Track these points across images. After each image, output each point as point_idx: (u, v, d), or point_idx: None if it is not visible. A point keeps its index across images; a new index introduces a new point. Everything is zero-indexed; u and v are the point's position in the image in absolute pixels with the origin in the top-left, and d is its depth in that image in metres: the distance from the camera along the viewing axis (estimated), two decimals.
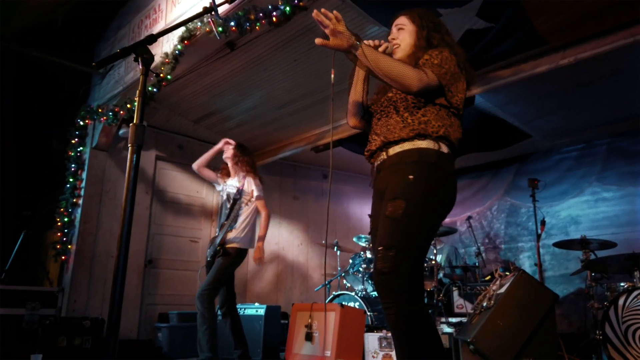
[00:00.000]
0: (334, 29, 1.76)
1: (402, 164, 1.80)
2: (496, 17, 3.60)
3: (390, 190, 1.77)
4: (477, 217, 6.39)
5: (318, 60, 4.40)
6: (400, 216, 1.66)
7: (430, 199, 1.72)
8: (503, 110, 5.08)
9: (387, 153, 1.89)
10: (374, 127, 2.00)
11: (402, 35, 2.06)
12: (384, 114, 1.97)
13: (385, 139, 1.89)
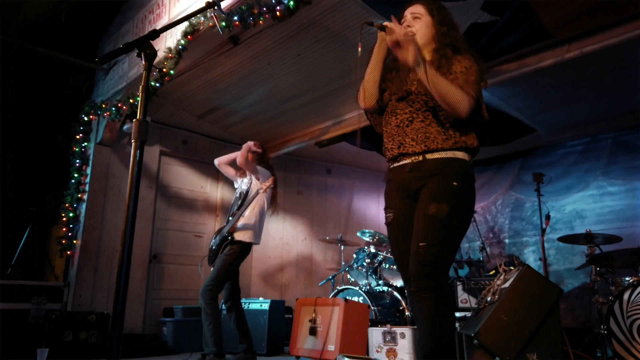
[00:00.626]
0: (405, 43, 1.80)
1: (445, 172, 1.89)
2: (501, 11, 3.57)
3: (433, 193, 1.88)
4: (482, 211, 6.38)
5: (321, 54, 4.38)
6: (444, 217, 1.81)
7: (468, 205, 1.94)
8: (507, 104, 5.05)
9: (424, 157, 1.94)
10: (404, 128, 1.99)
11: (418, 25, 2.05)
12: (419, 117, 1.97)
13: (427, 147, 1.92)
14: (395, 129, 2.03)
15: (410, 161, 1.97)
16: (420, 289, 1.79)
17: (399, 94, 2.05)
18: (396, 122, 2.03)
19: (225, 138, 6.35)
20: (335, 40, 4.16)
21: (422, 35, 2.04)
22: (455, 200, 1.85)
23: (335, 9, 3.74)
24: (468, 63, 1.93)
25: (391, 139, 2.05)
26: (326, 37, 4.12)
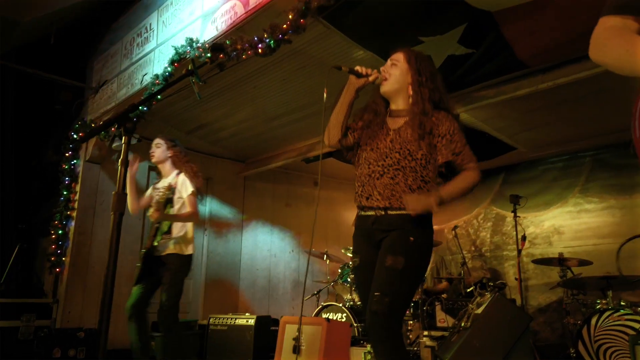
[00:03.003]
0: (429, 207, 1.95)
1: (404, 228, 1.99)
2: (477, 44, 3.71)
3: (391, 246, 1.97)
4: (464, 225, 6.53)
5: (307, 79, 4.49)
6: (399, 270, 1.90)
7: (424, 259, 2.05)
8: (488, 125, 5.20)
9: (386, 212, 2.02)
10: (375, 180, 2.06)
11: (393, 71, 2.13)
12: (389, 173, 2.04)
13: (390, 204, 2.01)
14: (367, 178, 2.09)
15: (374, 214, 2.05)
16: (374, 340, 1.89)
17: (373, 147, 2.11)
18: (368, 172, 2.09)
19: (215, 152, 6.45)
20: (319, 66, 4.27)
21: (395, 81, 2.11)
22: (411, 255, 1.94)
23: (318, 39, 3.85)
24: (450, 126, 2.02)
25: (362, 186, 2.12)
26: (310, 63, 4.23)
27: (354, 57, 4.09)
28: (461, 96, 4.39)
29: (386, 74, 2.12)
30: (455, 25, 3.53)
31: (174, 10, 4.31)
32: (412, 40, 3.69)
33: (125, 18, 5.11)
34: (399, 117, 2.15)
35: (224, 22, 3.67)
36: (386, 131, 2.13)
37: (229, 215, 6.53)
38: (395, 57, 2.17)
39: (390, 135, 2.10)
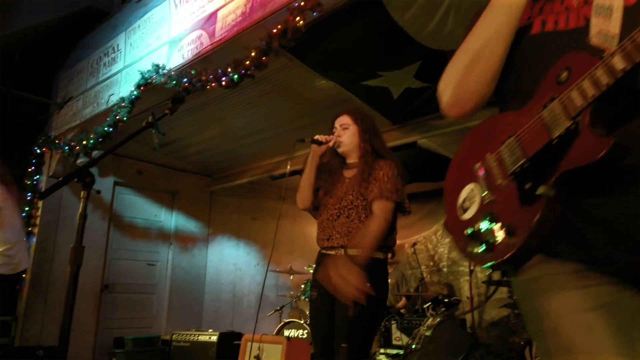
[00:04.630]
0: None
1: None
2: (432, 79, 3.93)
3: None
4: (424, 240, 6.78)
5: (271, 103, 4.64)
6: (361, 319, 2.09)
7: (383, 301, 2.28)
8: (445, 149, 5.44)
9: (345, 252, 2.22)
10: (333, 222, 2.31)
11: (346, 134, 2.40)
12: (344, 213, 2.29)
13: (347, 242, 2.22)
14: (327, 222, 2.35)
15: (334, 253, 2.26)
16: None
17: (331, 194, 2.38)
18: (327, 216, 2.35)
19: (182, 167, 6.51)
20: (283, 92, 4.42)
21: (349, 142, 2.39)
22: (369, 301, 2.05)
23: (282, 69, 3.99)
24: (389, 171, 2.26)
25: (322, 230, 2.37)
26: (275, 90, 4.38)
27: (317, 86, 4.27)
28: (419, 124, 4.62)
29: (341, 138, 2.39)
30: (412, 61, 3.75)
31: (141, 33, 4.38)
32: (372, 74, 3.90)
33: (93, 36, 5.13)
34: (353, 168, 2.44)
35: (190, 51, 3.78)
36: (342, 180, 2.41)
37: (195, 229, 6.60)
38: (345, 121, 2.44)
39: (346, 182, 2.37)
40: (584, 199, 0.86)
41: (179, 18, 4.02)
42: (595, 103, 0.82)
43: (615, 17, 0.90)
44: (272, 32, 2.95)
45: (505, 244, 0.94)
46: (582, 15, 0.95)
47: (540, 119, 0.91)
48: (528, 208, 0.90)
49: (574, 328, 0.85)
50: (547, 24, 1.00)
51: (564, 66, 0.90)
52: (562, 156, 0.86)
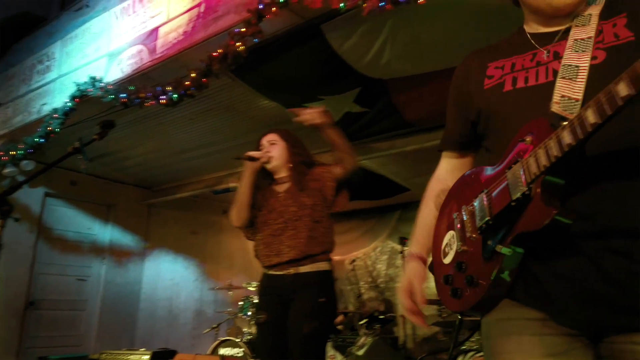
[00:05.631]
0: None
1: (314, 288, 2.23)
2: (370, 104, 4.08)
3: (304, 311, 2.20)
4: (363, 256, 6.94)
5: (213, 120, 4.62)
6: (315, 334, 2.14)
7: (333, 314, 2.32)
8: (384, 169, 5.63)
9: (296, 268, 2.26)
10: (279, 236, 2.32)
11: (274, 149, 2.45)
12: (290, 226, 2.31)
13: (300, 253, 2.24)
14: (271, 238, 2.35)
15: (283, 272, 2.28)
16: None
17: (270, 209, 2.40)
18: (270, 232, 2.35)
19: (119, 179, 6.32)
20: (226, 110, 4.42)
21: (279, 156, 2.44)
22: (323, 316, 2.21)
23: (224, 88, 4.00)
24: (323, 171, 2.41)
25: (267, 246, 2.35)
26: (217, 107, 4.37)
27: (260, 105, 4.31)
28: (359, 146, 4.74)
29: (271, 154, 2.43)
30: (351, 88, 3.87)
31: (79, 43, 4.26)
32: (312, 97, 3.98)
33: (27, 42, 4.92)
34: (284, 182, 2.48)
35: (130, 66, 3.72)
36: (275, 195, 2.44)
37: (131, 243, 6.40)
38: (272, 138, 2.51)
39: (282, 196, 2.41)
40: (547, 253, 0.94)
41: (119, 31, 3.95)
42: (547, 171, 0.89)
43: (580, 78, 0.97)
44: (213, 55, 2.97)
45: (470, 293, 1.01)
46: (551, 69, 1.03)
47: (505, 180, 0.98)
48: (489, 263, 0.97)
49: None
50: (518, 81, 1.08)
51: (529, 131, 0.97)
52: (518, 218, 0.93)
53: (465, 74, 1.23)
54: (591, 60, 0.97)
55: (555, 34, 1.08)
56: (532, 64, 1.08)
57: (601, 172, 0.93)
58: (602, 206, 0.91)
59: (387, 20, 2.93)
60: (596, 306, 0.91)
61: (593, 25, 1.01)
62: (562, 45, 1.04)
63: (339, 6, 2.47)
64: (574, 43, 1.01)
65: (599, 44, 0.99)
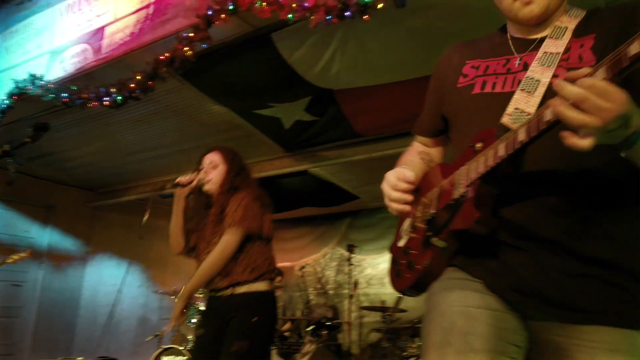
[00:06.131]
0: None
1: (247, 307, 2.22)
2: (321, 113, 4.13)
3: (236, 331, 2.20)
4: (312, 262, 6.98)
5: (161, 123, 4.53)
6: (245, 353, 2.12)
7: (267, 335, 2.32)
8: (335, 177, 5.70)
9: (232, 292, 2.25)
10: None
11: (213, 173, 2.40)
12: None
13: (230, 281, 2.24)
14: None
15: (221, 294, 2.28)
16: None
17: (201, 236, 2.37)
18: (202, 260, 2.31)
19: (61, 180, 6.07)
20: (175, 113, 4.35)
21: (215, 181, 2.38)
22: (254, 335, 2.20)
23: (173, 91, 3.93)
24: (241, 200, 2.28)
25: None
26: (165, 110, 4.29)
27: (210, 110, 4.26)
28: (309, 154, 4.81)
29: (208, 176, 2.38)
30: (302, 96, 3.91)
31: (20, 38, 4.08)
32: (263, 104, 4.00)
33: None
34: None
35: (73, 65, 3.60)
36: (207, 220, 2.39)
37: (72, 247, 6.15)
38: (214, 159, 2.43)
39: (210, 223, 2.35)
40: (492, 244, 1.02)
41: (63, 28, 3.81)
42: (482, 178, 0.96)
43: (538, 93, 1.03)
44: (160, 58, 2.92)
45: (408, 276, 1.13)
46: (517, 80, 1.08)
47: (453, 179, 1.06)
48: (426, 252, 1.08)
49: (460, 315, 1.00)
50: (486, 86, 1.13)
51: (480, 138, 1.04)
52: (454, 216, 1.02)
53: (446, 66, 1.27)
54: (552, 78, 1.02)
55: (532, 41, 1.12)
56: (504, 70, 1.13)
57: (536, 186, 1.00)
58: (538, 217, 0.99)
59: (336, 33, 2.98)
60: (526, 294, 0.99)
61: (565, 40, 1.07)
62: (533, 56, 1.09)
63: (287, 17, 2.49)
64: (542, 55, 1.07)
65: (564, 62, 1.04)
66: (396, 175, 1.16)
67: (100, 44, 3.44)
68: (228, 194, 2.32)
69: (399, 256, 1.20)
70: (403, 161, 1.31)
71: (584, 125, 0.77)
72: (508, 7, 1.11)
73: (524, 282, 0.99)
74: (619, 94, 0.76)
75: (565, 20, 1.10)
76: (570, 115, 0.78)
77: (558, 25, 1.09)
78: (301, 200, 6.36)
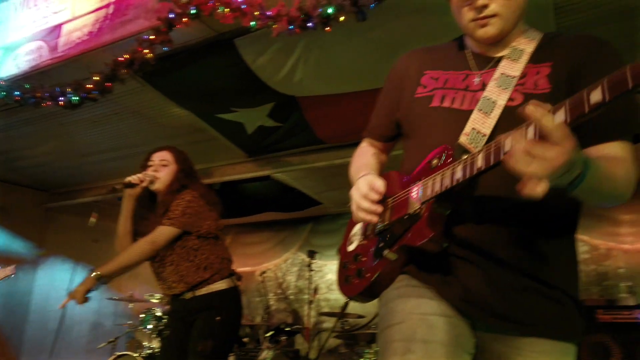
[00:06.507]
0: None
1: (212, 308, 2.22)
2: (284, 119, 4.13)
3: (200, 331, 2.20)
4: (274, 268, 6.95)
5: (119, 124, 4.42)
6: (210, 353, 2.13)
7: (233, 331, 2.35)
8: (298, 183, 5.70)
9: (193, 293, 2.24)
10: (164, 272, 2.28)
11: (163, 172, 2.36)
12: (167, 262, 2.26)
13: (187, 285, 2.23)
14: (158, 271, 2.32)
15: (183, 298, 2.27)
16: None
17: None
18: (156, 266, 2.32)
19: (14, 180, 5.83)
20: (134, 115, 4.26)
21: (164, 180, 2.35)
22: (218, 335, 2.21)
23: (133, 92, 3.84)
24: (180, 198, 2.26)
25: (160, 280, 2.33)
26: (125, 111, 4.20)
27: (171, 113, 4.20)
28: (272, 159, 4.80)
29: (158, 174, 2.34)
30: (265, 102, 3.90)
31: None
32: (225, 108, 3.97)
33: None
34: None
35: (27, 62, 3.47)
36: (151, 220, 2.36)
37: (22, 250, 5.90)
38: (165, 157, 2.41)
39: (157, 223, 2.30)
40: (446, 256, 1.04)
41: (18, 23, 3.68)
42: (437, 198, 0.98)
43: (494, 115, 1.04)
44: (118, 60, 2.86)
45: (357, 283, 1.14)
46: (476, 98, 1.09)
47: (409, 193, 1.07)
48: (377, 262, 1.10)
49: (420, 323, 1.02)
50: (445, 100, 1.13)
51: (437, 155, 1.05)
52: (407, 231, 1.03)
53: (403, 73, 1.27)
54: (508, 101, 1.04)
55: (491, 59, 1.14)
56: (462, 85, 1.13)
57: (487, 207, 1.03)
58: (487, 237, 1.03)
59: (299, 41, 3.00)
60: (473, 305, 1.03)
61: (522, 64, 1.08)
62: (491, 75, 1.10)
63: (250, 24, 2.49)
64: (500, 77, 1.08)
65: (519, 86, 1.06)
66: (368, 184, 1.12)
67: (57, 42, 3.34)
68: (174, 194, 2.29)
69: (348, 261, 1.21)
70: (363, 164, 1.28)
71: (535, 175, 0.79)
72: (465, 26, 1.13)
73: (471, 293, 1.02)
74: (569, 142, 0.77)
75: (523, 42, 1.12)
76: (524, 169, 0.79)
77: (515, 47, 1.11)
78: (263, 205, 6.33)
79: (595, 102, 0.73)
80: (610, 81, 0.72)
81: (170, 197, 2.27)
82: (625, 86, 0.70)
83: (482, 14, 1.07)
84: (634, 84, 0.69)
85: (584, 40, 1.09)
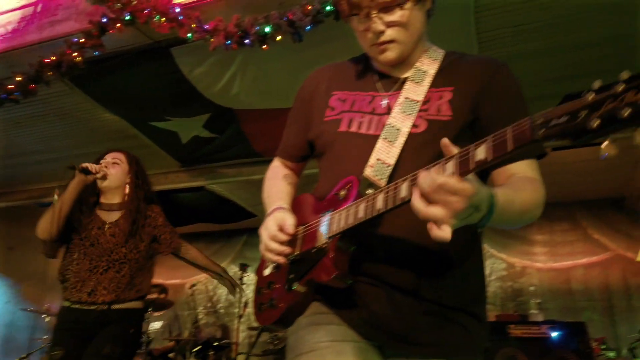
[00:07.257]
0: None
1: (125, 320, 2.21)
2: (220, 131, 4.11)
3: (112, 336, 2.14)
4: (204, 280, 6.81)
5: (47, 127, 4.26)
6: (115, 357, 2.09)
7: (136, 349, 2.37)
8: (233, 195, 5.66)
9: (110, 307, 2.17)
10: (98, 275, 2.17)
11: (115, 170, 2.31)
12: (115, 267, 2.20)
13: (117, 297, 2.17)
14: (87, 273, 2.17)
15: (96, 308, 2.14)
16: None
17: (92, 241, 2.21)
18: (89, 267, 2.17)
19: None
20: (62, 118, 4.09)
21: (116, 179, 2.31)
22: (128, 345, 2.22)
23: (61, 95, 3.69)
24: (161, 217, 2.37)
25: (81, 281, 2.16)
26: (51, 113, 4.03)
27: (102, 117, 4.05)
28: (206, 170, 4.74)
29: (108, 171, 2.27)
30: (201, 113, 3.87)
31: None
32: (159, 117, 3.89)
33: None
34: (112, 210, 2.31)
35: None
36: (101, 224, 2.26)
37: None
38: (118, 157, 2.36)
39: (110, 230, 2.24)
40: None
41: None
42: (342, 234, 0.99)
43: (398, 143, 1.04)
44: (45, 61, 2.74)
45: (270, 312, 1.13)
46: (382, 123, 1.08)
47: (317, 225, 1.06)
48: (288, 293, 1.09)
49: (330, 350, 1.02)
50: (352, 124, 1.13)
51: (344, 186, 1.05)
52: (314, 265, 1.03)
53: (312, 93, 1.26)
54: (412, 127, 1.05)
55: (396, 80, 1.15)
56: (369, 109, 1.13)
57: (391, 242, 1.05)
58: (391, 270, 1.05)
59: (237, 56, 3.02)
60: (378, 328, 1.05)
61: (424, 87, 1.10)
62: (396, 97, 1.11)
63: (187, 36, 2.48)
64: (404, 102, 1.09)
65: (423, 112, 1.08)
66: (277, 224, 1.09)
67: None
68: (142, 205, 2.30)
69: (262, 286, 1.21)
70: (275, 192, 1.28)
71: (436, 219, 0.80)
72: (368, 50, 1.16)
73: (377, 316, 1.05)
74: (467, 188, 0.78)
75: (426, 63, 1.14)
76: (424, 212, 0.81)
77: (418, 68, 1.14)
78: (197, 215, 6.22)
79: (479, 160, 0.76)
80: (495, 139, 0.75)
81: (140, 210, 2.28)
82: (503, 149, 0.74)
83: (380, 40, 1.09)
84: (514, 147, 0.72)
85: (482, 66, 1.13)
